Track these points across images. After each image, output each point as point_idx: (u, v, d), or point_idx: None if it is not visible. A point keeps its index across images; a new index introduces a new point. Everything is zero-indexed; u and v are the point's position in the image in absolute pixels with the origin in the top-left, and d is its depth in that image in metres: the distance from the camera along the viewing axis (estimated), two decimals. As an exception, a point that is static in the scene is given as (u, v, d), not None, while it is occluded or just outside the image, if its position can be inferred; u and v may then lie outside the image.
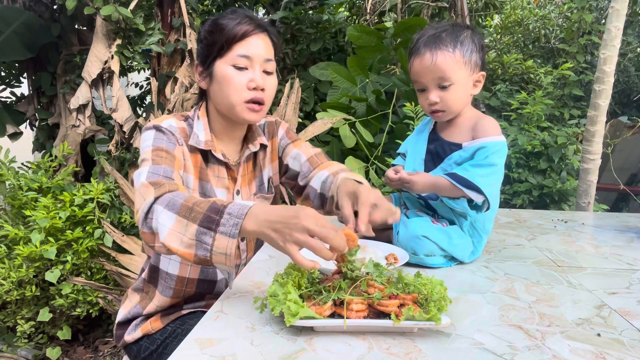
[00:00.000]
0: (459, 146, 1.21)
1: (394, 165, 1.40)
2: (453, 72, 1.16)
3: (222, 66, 1.14)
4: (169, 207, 0.92)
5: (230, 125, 1.23)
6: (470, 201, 1.19)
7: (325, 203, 1.28)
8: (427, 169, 1.25)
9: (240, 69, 1.13)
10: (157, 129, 1.14)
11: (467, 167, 1.15)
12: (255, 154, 1.32)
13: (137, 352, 1.24)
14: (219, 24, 1.14)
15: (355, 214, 1.03)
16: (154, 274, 1.25)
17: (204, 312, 1.22)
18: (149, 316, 1.25)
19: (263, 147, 1.33)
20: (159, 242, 0.92)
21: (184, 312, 1.24)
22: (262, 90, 1.15)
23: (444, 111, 1.21)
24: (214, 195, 1.20)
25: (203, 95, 1.27)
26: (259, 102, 1.16)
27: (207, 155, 1.21)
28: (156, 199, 0.96)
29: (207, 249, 0.87)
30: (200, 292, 1.25)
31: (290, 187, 1.42)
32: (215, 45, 1.14)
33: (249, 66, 1.14)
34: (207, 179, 1.20)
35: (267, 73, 1.17)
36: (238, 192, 1.26)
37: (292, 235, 0.82)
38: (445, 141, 1.25)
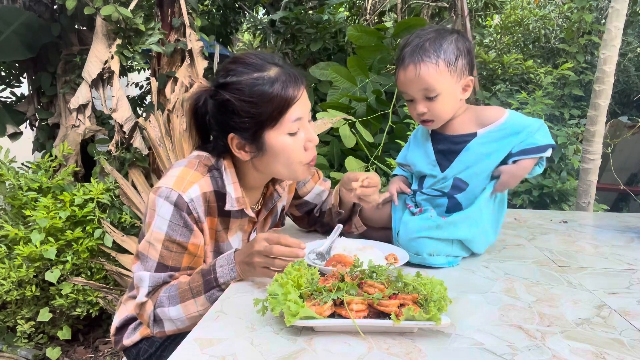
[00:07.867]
0: (473, 135, 1.20)
1: (394, 175, 1.40)
2: (438, 83, 1.15)
3: (277, 137, 1.07)
4: (170, 303, 1.05)
5: (264, 179, 1.21)
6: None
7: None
8: (443, 167, 1.23)
9: (294, 134, 1.08)
10: (177, 206, 1.05)
11: (525, 143, 1.16)
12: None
13: (136, 355, 1.24)
14: (265, 94, 1.03)
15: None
16: None
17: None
18: None
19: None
20: (176, 331, 1.09)
21: None
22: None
23: (433, 120, 1.21)
24: (228, 244, 1.19)
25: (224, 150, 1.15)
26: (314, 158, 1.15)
27: (229, 212, 1.15)
28: (154, 306, 1.07)
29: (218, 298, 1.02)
30: None
31: (295, 216, 1.48)
32: (263, 116, 1.05)
33: (301, 126, 1.09)
34: (223, 238, 1.18)
35: (309, 121, 1.14)
36: (254, 230, 1.27)
37: (256, 262, 0.99)
38: (453, 136, 1.24)
